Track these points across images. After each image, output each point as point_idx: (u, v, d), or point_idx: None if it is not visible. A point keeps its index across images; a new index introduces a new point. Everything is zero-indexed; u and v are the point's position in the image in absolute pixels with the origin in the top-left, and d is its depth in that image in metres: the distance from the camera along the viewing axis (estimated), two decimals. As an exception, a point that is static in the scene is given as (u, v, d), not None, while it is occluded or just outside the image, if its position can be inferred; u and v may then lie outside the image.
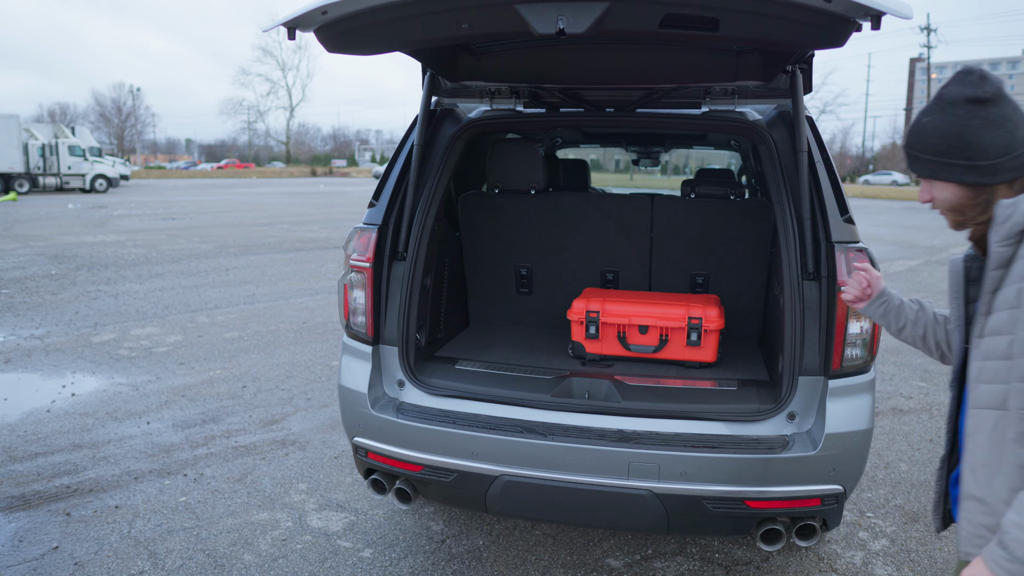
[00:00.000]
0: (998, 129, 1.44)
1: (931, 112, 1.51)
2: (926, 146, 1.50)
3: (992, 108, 1.45)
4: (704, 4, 1.88)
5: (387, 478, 2.71)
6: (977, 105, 1.45)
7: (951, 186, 1.50)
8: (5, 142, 28.69)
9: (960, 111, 1.46)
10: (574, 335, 3.17)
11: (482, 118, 3.11)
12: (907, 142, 1.55)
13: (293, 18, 2.03)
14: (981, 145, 1.44)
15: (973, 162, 1.45)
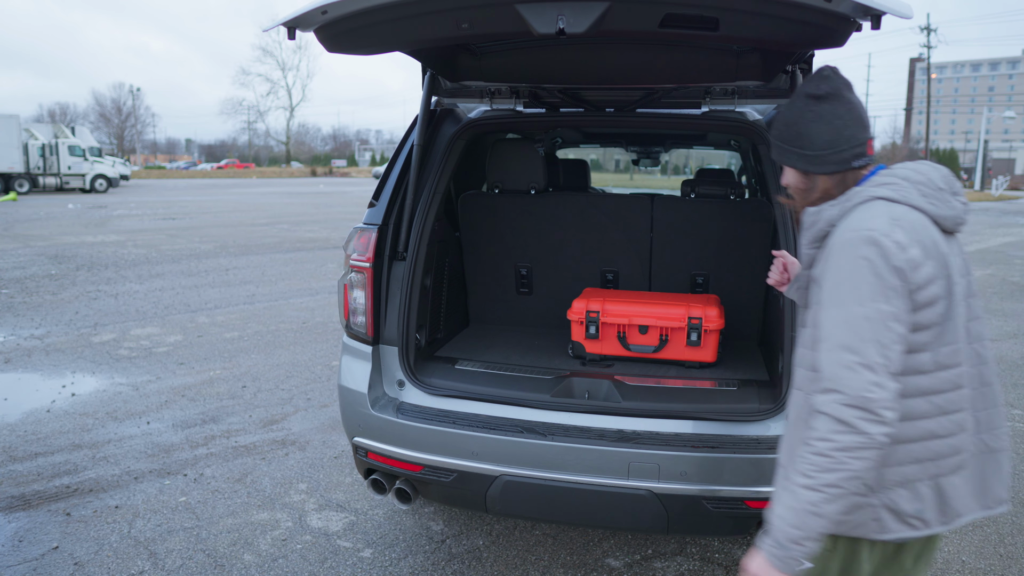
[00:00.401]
0: (826, 124, 1.59)
1: (786, 104, 1.70)
2: (776, 133, 1.68)
3: (825, 105, 1.59)
4: (704, 4, 1.88)
5: (387, 478, 2.71)
6: (813, 100, 1.61)
7: (790, 170, 1.68)
8: (5, 142, 28.70)
9: (799, 104, 1.63)
10: (574, 335, 3.16)
11: (482, 118, 3.11)
12: (771, 132, 1.73)
13: (293, 18, 2.03)
14: (810, 136, 1.60)
15: (803, 150, 1.62)
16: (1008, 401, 5.25)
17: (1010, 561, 3.12)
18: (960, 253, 1.62)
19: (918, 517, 1.55)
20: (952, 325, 1.53)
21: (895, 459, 1.53)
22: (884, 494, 1.54)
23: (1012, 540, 3.30)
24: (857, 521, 1.55)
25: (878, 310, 1.41)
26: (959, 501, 1.57)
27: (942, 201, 1.56)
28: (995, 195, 42.73)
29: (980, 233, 18.79)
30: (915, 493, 1.54)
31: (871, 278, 1.43)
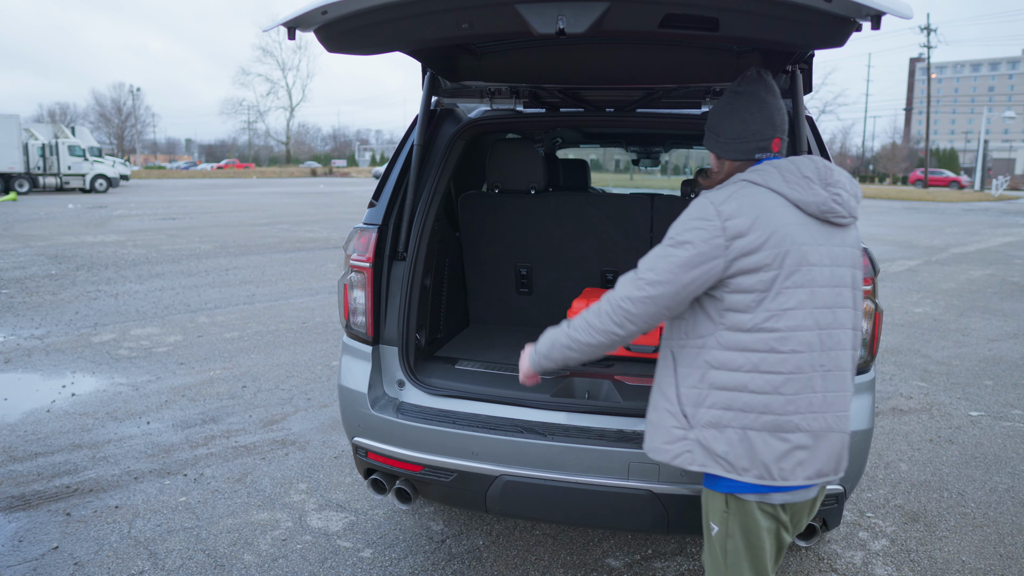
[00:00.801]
0: (738, 118, 1.89)
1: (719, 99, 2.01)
2: (708, 118, 2.01)
3: (741, 101, 1.90)
4: (704, 4, 1.88)
5: (387, 478, 2.71)
6: (733, 95, 1.93)
7: (711, 154, 2.00)
8: (5, 142, 28.69)
9: (724, 98, 1.96)
10: None
11: (482, 118, 3.11)
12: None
13: (293, 18, 2.02)
14: (724, 126, 1.92)
15: (718, 138, 1.95)
16: (1008, 401, 5.26)
17: (1010, 561, 3.12)
18: (842, 244, 1.82)
19: (725, 459, 1.77)
20: (783, 299, 1.73)
21: (708, 401, 1.79)
22: (698, 431, 1.80)
23: (1012, 540, 3.30)
24: (677, 451, 1.83)
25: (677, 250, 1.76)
26: (776, 462, 1.75)
27: (804, 187, 1.78)
28: (995, 195, 42.71)
29: (980, 233, 18.79)
30: (724, 436, 1.77)
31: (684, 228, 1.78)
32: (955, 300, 9.17)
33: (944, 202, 35.36)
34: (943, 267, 12.21)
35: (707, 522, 1.91)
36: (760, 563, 1.86)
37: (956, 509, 3.59)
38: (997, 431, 4.67)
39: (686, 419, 1.82)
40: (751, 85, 1.91)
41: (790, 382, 1.75)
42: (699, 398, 1.80)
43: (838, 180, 1.82)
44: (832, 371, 1.80)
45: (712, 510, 1.88)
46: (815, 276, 1.75)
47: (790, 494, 1.81)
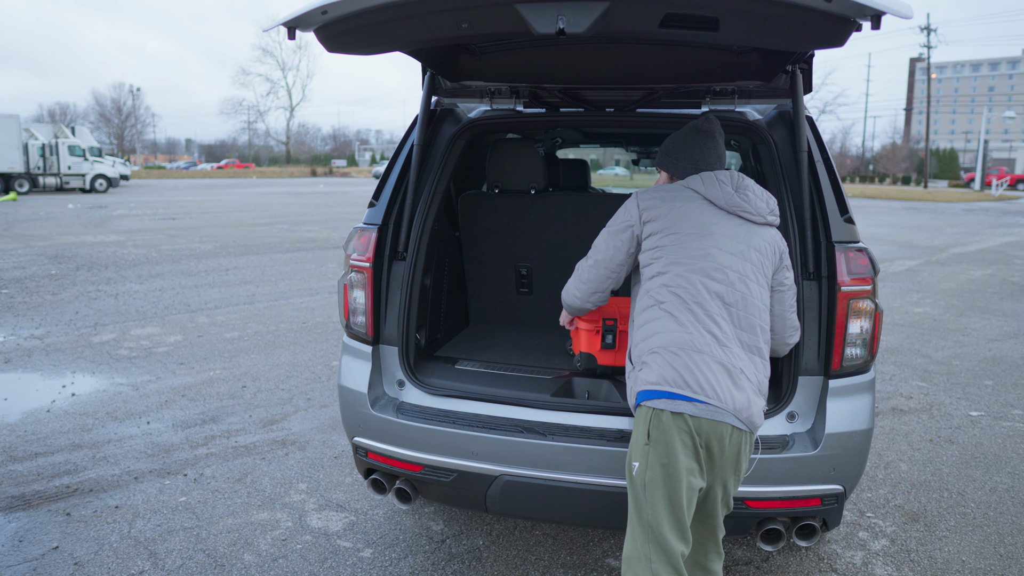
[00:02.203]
0: (697, 149, 2.38)
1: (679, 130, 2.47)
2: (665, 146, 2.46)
3: (702, 137, 2.39)
4: (704, 4, 1.88)
5: (387, 478, 2.71)
6: (696, 131, 2.41)
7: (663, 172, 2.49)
8: (5, 142, 28.69)
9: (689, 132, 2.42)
10: (583, 345, 2.91)
11: (482, 118, 3.11)
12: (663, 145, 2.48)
13: (293, 18, 2.02)
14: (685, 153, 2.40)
15: (676, 161, 2.41)
16: (1008, 401, 5.26)
17: (1010, 561, 3.12)
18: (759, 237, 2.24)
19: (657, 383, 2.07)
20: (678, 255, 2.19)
21: (634, 340, 2.22)
22: (636, 369, 2.15)
23: (1012, 540, 3.30)
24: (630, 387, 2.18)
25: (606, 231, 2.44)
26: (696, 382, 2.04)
27: (716, 187, 2.26)
28: (995, 195, 42.71)
29: (980, 233, 18.79)
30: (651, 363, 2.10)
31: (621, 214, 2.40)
32: (955, 300, 9.17)
33: (944, 202, 35.36)
34: (943, 267, 12.21)
35: (629, 463, 2.09)
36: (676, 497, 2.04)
37: (956, 509, 3.59)
38: (997, 431, 4.67)
39: (631, 361, 2.22)
40: (711, 125, 2.41)
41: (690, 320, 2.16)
42: (634, 340, 2.24)
43: (748, 187, 2.28)
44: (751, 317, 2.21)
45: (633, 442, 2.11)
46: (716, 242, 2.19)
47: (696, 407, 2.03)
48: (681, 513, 1.99)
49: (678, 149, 2.40)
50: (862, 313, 2.46)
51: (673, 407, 2.01)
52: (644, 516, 1.99)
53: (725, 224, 2.23)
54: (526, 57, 2.86)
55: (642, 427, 2.05)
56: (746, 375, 2.09)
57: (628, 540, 2.05)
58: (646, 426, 2.04)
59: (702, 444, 2.02)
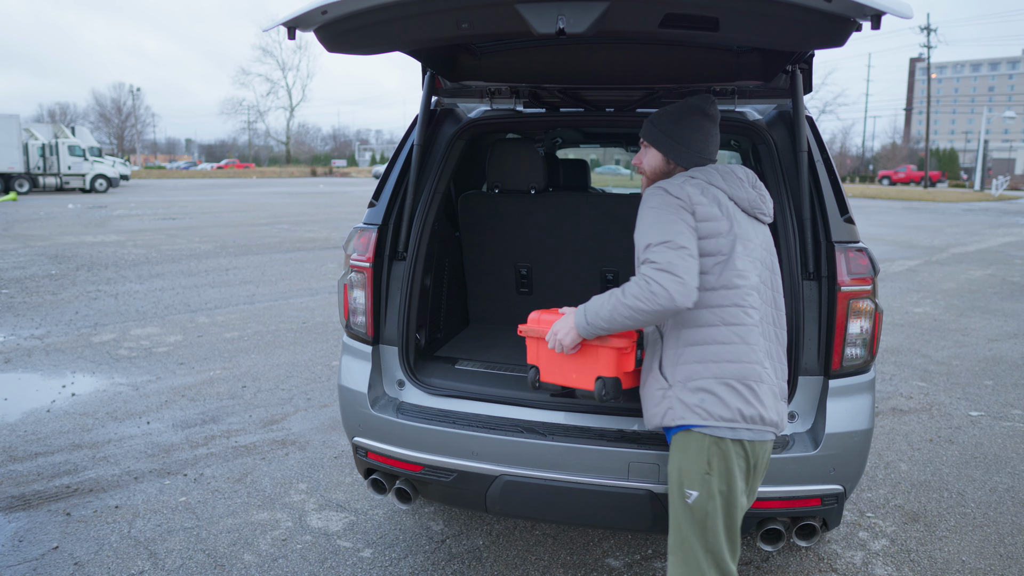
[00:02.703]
0: (703, 135, 2.19)
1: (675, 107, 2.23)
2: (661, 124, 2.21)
3: (707, 122, 2.20)
4: (704, 4, 1.88)
5: (387, 478, 2.71)
6: (701, 115, 2.20)
7: (659, 155, 2.22)
8: (5, 142, 28.69)
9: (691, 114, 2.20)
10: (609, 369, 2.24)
11: (482, 118, 3.11)
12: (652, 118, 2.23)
13: (293, 18, 2.03)
14: (690, 138, 2.18)
15: (679, 145, 2.18)
16: (1008, 401, 5.26)
17: (1010, 561, 3.12)
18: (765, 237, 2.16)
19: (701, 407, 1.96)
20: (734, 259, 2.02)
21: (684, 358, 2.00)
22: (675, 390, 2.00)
23: (1012, 540, 3.30)
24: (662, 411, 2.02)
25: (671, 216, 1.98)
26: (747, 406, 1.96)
27: (737, 185, 2.13)
28: (995, 195, 42.71)
29: (980, 233, 18.79)
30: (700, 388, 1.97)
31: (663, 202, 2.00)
32: (955, 300, 9.17)
33: (944, 202, 35.36)
34: (943, 267, 12.21)
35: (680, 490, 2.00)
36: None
37: (956, 509, 3.59)
38: (997, 431, 4.67)
39: (666, 380, 2.03)
40: (716, 110, 2.23)
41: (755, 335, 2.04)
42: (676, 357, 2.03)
43: (760, 184, 2.20)
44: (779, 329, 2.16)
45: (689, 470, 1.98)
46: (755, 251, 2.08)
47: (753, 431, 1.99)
48: (737, 535, 2.00)
49: (684, 134, 2.19)
50: (862, 313, 2.46)
51: (735, 435, 1.97)
52: (708, 544, 1.98)
53: (751, 227, 2.12)
54: (526, 57, 2.86)
55: (701, 456, 1.96)
56: (782, 387, 2.10)
57: (681, 565, 2.01)
58: (706, 455, 1.96)
59: (752, 464, 2.02)
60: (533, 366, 2.39)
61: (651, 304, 1.88)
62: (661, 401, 2.03)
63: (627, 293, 1.92)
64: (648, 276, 1.89)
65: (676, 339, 2.03)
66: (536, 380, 2.38)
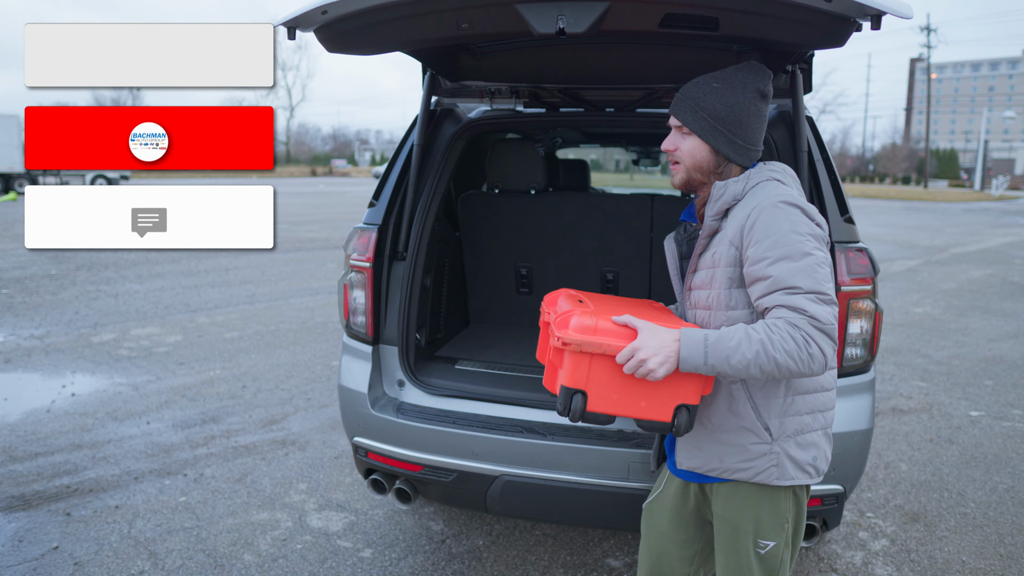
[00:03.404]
0: (761, 123, 1.77)
1: (727, 82, 1.76)
2: (714, 104, 1.75)
3: (764, 105, 1.77)
4: (704, 4, 1.88)
5: (387, 478, 2.71)
6: (759, 97, 1.76)
7: (706, 147, 1.77)
8: (5, 142, 28.70)
9: (747, 95, 1.74)
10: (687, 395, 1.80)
11: (482, 118, 3.11)
12: (690, 95, 1.78)
13: (293, 18, 2.03)
14: (750, 129, 1.76)
15: (736, 139, 1.75)
16: (1008, 401, 5.26)
17: (1010, 561, 3.12)
18: None
19: (812, 465, 1.75)
20: None
21: (794, 409, 1.72)
22: (781, 443, 1.71)
23: (1012, 540, 3.30)
24: (760, 467, 1.72)
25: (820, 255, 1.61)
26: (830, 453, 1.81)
27: (802, 193, 1.78)
28: (995, 195, 42.72)
29: (980, 233, 18.80)
30: (811, 442, 1.74)
31: (806, 231, 1.62)
32: (955, 300, 9.17)
33: (944, 202, 35.36)
34: (943, 267, 12.22)
35: (754, 540, 1.78)
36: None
37: (956, 509, 3.59)
38: (997, 431, 4.67)
39: (769, 433, 1.70)
40: (771, 86, 1.78)
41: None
42: (784, 407, 1.71)
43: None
44: None
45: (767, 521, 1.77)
46: None
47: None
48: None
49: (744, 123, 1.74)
50: (862, 313, 2.46)
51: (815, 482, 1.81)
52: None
53: None
54: (526, 57, 2.86)
55: (785, 506, 1.78)
56: None
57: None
58: (791, 504, 1.79)
59: None
60: (574, 390, 1.63)
61: (803, 367, 1.54)
62: (759, 457, 1.72)
63: (776, 345, 1.52)
64: (808, 335, 1.53)
65: (782, 385, 1.71)
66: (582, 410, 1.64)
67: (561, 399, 1.63)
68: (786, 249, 1.59)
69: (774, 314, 1.57)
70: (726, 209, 1.75)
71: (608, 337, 1.60)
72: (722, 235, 1.73)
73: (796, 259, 1.58)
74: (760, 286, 1.61)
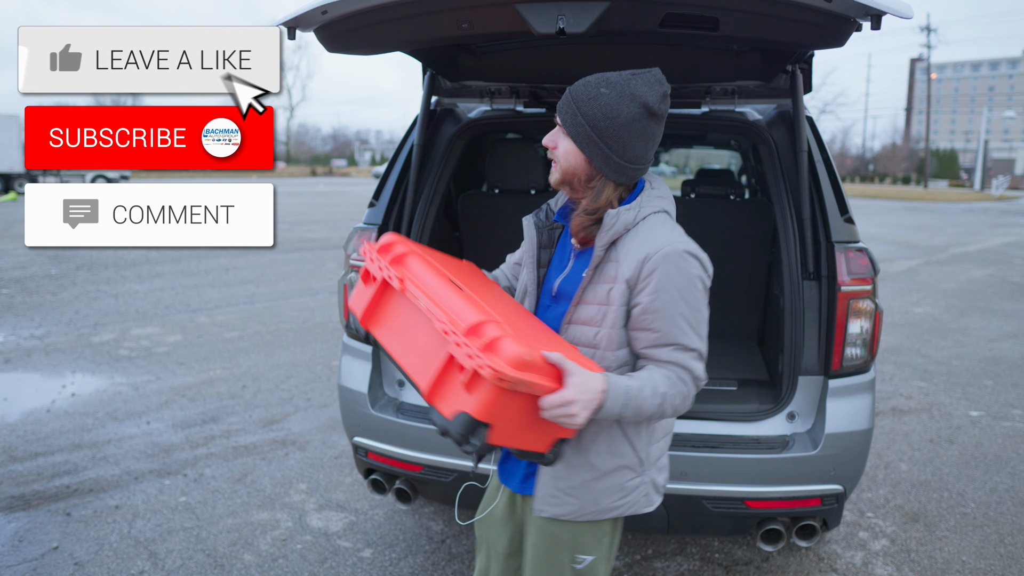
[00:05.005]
0: (644, 142, 1.59)
1: (615, 89, 1.58)
2: (593, 112, 1.57)
3: (653, 123, 1.58)
4: (704, 4, 1.88)
5: (387, 478, 2.71)
6: (647, 115, 1.56)
7: (582, 155, 1.61)
8: (5, 142, 28.71)
9: (633, 109, 1.55)
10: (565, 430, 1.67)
11: (482, 118, 3.11)
12: (576, 95, 1.60)
13: (293, 18, 2.03)
14: (628, 145, 1.57)
15: (612, 154, 1.58)
16: (1008, 401, 5.26)
17: (1010, 561, 3.12)
18: None
19: (664, 486, 1.77)
20: None
21: (656, 436, 1.71)
22: (649, 472, 1.71)
23: (1012, 540, 3.30)
24: (632, 501, 1.70)
25: (706, 312, 1.61)
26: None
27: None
28: (995, 195, 42.72)
29: (980, 233, 18.80)
30: (664, 464, 1.77)
31: (701, 287, 1.59)
32: (955, 300, 9.17)
33: (944, 202, 35.36)
34: (943, 267, 12.22)
35: (570, 556, 1.72)
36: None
37: (956, 509, 3.59)
38: (997, 431, 4.67)
39: (641, 464, 1.68)
40: (664, 106, 1.59)
41: None
42: (649, 437, 1.70)
43: None
44: None
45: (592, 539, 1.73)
46: None
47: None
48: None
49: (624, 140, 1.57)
50: (862, 313, 2.46)
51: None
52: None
53: None
54: (526, 57, 2.86)
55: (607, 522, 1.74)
56: None
57: None
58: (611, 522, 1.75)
59: None
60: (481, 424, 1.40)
61: (679, 412, 1.60)
62: (634, 490, 1.69)
63: (670, 400, 1.55)
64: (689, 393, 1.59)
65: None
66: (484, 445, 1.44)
67: (459, 426, 1.38)
68: (683, 307, 1.56)
69: (663, 367, 1.57)
70: (616, 239, 1.62)
71: (542, 378, 1.42)
72: (614, 269, 1.60)
73: (690, 316, 1.57)
74: (650, 336, 1.58)
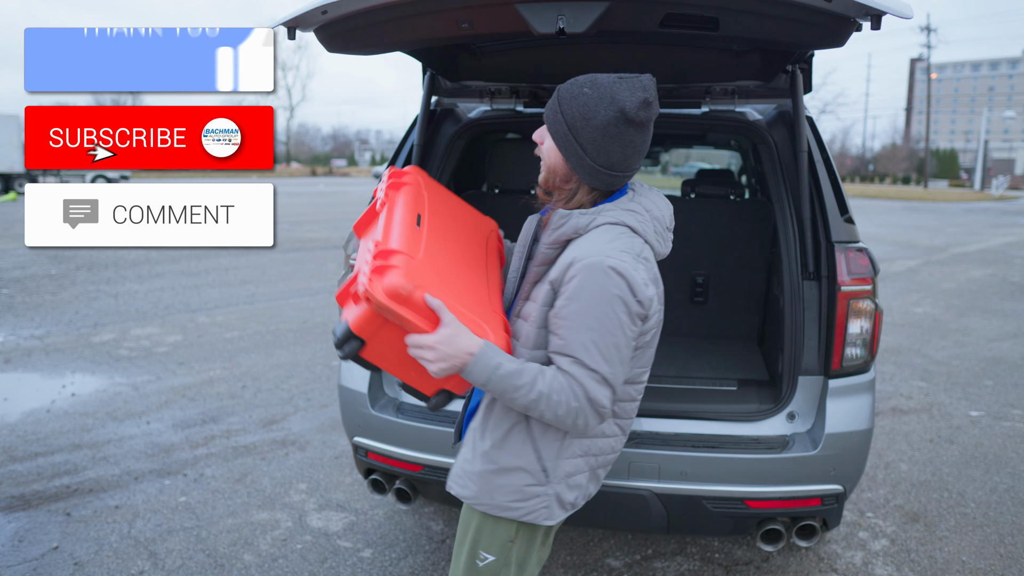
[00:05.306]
0: (622, 149, 1.58)
1: (598, 90, 1.60)
2: (572, 111, 1.59)
3: (632, 131, 1.58)
4: (704, 4, 1.88)
5: (387, 478, 2.71)
6: (626, 122, 1.56)
7: (560, 155, 1.62)
8: (5, 142, 28.72)
9: (612, 114, 1.56)
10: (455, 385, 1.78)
11: (482, 118, 3.11)
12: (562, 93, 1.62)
13: (293, 18, 2.03)
14: (603, 150, 1.57)
15: (586, 156, 1.58)
16: (1008, 401, 5.26)
17: (1010, 561, 3.12)
18: None
19: (574, 504, 1.72)
20: (651, 349, 1.69)
21: (570, 451, 1.67)
22: (555, 485, 1.67)
23: (1012, 540, 3.30)
24: (531, 508, 1.67)
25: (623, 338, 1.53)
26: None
27: (665, 241, 1.70)
28: (995, 195, 42.74)
29: (980, 233, 18.80)
30: (578, 483, 1.70)
31: (621, 310, 1.51)
32: (955, 300, 9.17)
33: (944, 202, 35.37)
34: (943, 267, 12.21)
35: (474, 550, 1.73)
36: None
37: (956, 509, 3.59)
38: (997, 431, 4.67)
39: (545, 474, 1.66)
40: (650, 111, 1.61)
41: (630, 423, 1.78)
42: (560, 449, 1.66)
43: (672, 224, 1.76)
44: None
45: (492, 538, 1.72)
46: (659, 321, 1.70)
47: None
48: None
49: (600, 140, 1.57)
50: (862, 313, 2.46)
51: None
52: None
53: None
54: (526, 57, 2.86)
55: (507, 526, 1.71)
56: None
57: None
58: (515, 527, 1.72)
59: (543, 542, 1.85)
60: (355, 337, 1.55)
61: (567, 429, 1.59)
62: (533, 498, 1.66)
63: (551, 404, 1.52)
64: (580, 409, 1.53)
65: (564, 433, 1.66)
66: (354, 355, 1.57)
67: (340, 332, 1.54)
68: (591, 321, 1.50)
69: (560, 374, 1.53)
70: (566, 240, 1.60)
71: (413, 315, 1.50)
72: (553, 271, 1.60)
73: (596, 334, 1.50)
74: (556, 341, 1.56)
